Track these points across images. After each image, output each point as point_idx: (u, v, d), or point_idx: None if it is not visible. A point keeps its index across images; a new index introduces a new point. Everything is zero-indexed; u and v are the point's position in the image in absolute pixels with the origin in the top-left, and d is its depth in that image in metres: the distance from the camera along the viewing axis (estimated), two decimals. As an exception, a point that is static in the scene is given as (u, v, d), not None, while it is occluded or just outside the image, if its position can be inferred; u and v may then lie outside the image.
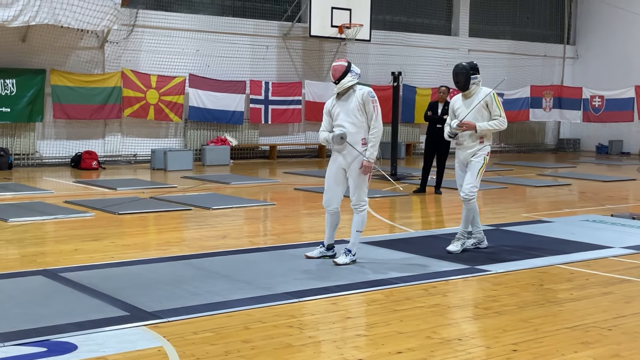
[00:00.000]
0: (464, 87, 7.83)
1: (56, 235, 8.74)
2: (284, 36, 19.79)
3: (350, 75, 7.03)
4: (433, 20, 22.97)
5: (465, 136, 7.79)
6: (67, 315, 5.36)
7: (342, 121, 7.05)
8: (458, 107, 7.93)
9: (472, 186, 7.75)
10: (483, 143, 7.81)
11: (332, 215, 7.26)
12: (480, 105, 7.71)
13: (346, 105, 7.06)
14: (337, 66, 7.07)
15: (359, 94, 7.03)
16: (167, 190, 12.81)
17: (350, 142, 7.00)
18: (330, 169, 7.25)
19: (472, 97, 7.82)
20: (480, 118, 7.73)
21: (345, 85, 7.02)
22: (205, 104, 18.53)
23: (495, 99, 7.77)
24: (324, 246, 7.38)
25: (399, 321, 5.41)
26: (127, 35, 17.45)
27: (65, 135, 17.02)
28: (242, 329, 5.15)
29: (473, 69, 7.80)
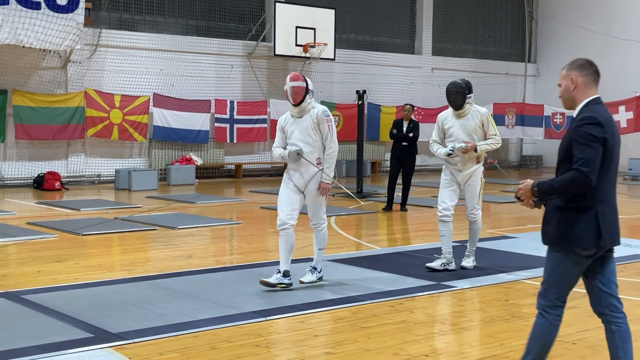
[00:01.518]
0: (459, 107, 7.74)
1: (18, 257, 8.60)
2: (249, 55, 19.82)
3: (309, 96, 6.82)
4: (397, 39, 23.19)
5: (464, 156, 7.79)
6: (30, 338, 5.27)
7: (295, 140, 6.82)
8: (450, 125, 7.80)
9: (477, 209, 7.96)
10: (479, 163, 7.92)
11: (287, 237, 6.85)
12: (476, 125, 7.75)
13: (301, 124, 6.83)
14: (297, 88, 6.76)
15: (313, 112, 6.81)
16: (132, 211, 12.70)
17: (303, 161, 6.82)
18: (284, 189, 6.94)
19: (466, 116, 7.77)
20: (476, 138, 7.78)
21: (305, 110, 6.81)
22: (170, 124, 18.44)
23: (490, 119, 7.85)
24: (280, 272, 6.86)
25: (366, 338, 5.41)
26: (90, 55, 17.34)
27: (28, 156, 16.81)
28: (208, 349, 5.11)
29: (468, 88, 7.75)
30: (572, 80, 4.14)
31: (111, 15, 18.10)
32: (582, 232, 4.02)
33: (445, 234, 7.89)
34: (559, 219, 4.12)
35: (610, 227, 4.06)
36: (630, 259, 8.72)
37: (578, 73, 4.14)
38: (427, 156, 22.26)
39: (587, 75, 4.14)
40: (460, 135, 7.75)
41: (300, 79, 6.82)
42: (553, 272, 4.27)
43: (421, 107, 22.08)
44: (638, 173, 21.49)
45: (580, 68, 4.15)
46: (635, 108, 21.78)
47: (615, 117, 21.97)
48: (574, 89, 4.16)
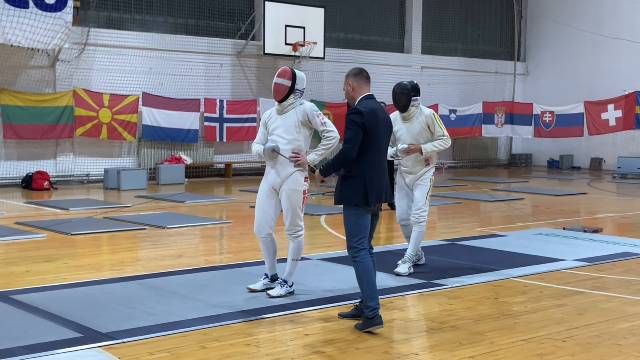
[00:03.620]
0: (403, 109, 7.62)
1: (7, 257, 8.55)
2: (238, 54, 19.78)
3: (294, 95, 6.47)
4: (386, 38, 23.20)
5: (411, 159, 7.71)
6: (18, 338, 5.24)
7: (277, 137, 6.50)
8: (397, 128, 7.68)
9: (422, 210, 7.69)
10: (429, 165, 7.77)
11: (267, 243, 6.66)
12: (421, 127, 7.61)
13: (285, 120, 6.51)
14: (278, 86, 6.45)
15: (300, 109, 6.47)
16: (121, 210, 12.65)
17: (281, 160, 6.49)
18: (261, 190, 6.65)
19: (412, 119, 7.65)
20: (422, 140, 7.64)
21: (287, 109, 6.50)
22: (159, 123, 18.38)
23: (436, 119, 7.67)
24: (267, 277, 6.75)
25: (356, 336, 5.41)
26: (78, 53, 17.26)
27: (16, 156, 16.72)
28: (198, 349, 5.09)
29: (415, 90, 7.58)
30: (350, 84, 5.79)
31: (99, 14, 18.02)
32: (358, 193, 5.55)
33: (409, 235, 7.80)
34: (343, 185, 5.64)
35: (374, 190, 5.59)
36: (619, 257, 8.75)
37: (353, 78, 5.78)
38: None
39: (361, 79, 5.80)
40: (407, 138, 7.65)
41: (285, 76, 6.46)
42: (349, 224, 5.63)
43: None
44: (627, 171, 21.58)
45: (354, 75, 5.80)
46: (623, 106, 21.86)
47: (604, 115, 22.14)
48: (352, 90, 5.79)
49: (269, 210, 6.59)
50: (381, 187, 5.66)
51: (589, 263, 8.32)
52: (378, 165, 5.66)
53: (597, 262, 8.40)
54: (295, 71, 6.54)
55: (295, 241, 6.58)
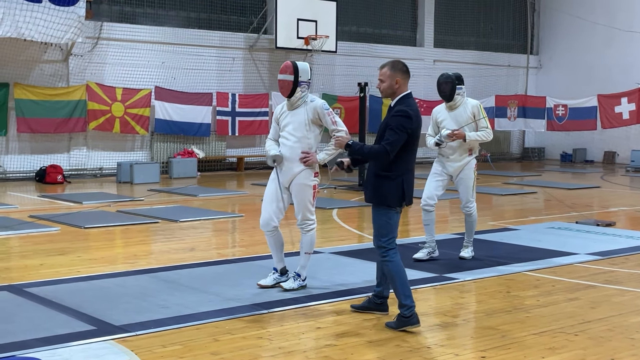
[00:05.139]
0: (449, 98, 7.78)
1: (21, 250, 8.62)
2: (250, 48, 19.79)
3: (300, 89, 6.43)
4: (398, 31, 23.15)
5: (454, 148, 7.81)
6: (32, 330, 5.29)
7: (287, 134, 6.48)
8: (443, 118, 7.87)
9: (471, 203, 7.99)
10: (471, 155, 7.91)
11: (273, 237, 6.61)
12: (467, 116, 7.74)
13: (295, 117, 6.47)
14: (282, 82, 6.41)
15: (310, 107, 6.43)
16: (134, 204, 12.71)
17: (289, 158, 6.46)
18: (269, 187, 6.62)
19: (458, 108, 7.80)
20: (468, 130, 7.75)
21: (297, 103, 6.46)
22: (171, 117, 18.43)
23: (482, 111, 7.80)
24: (277, 271, 6.70)
25: (368, 330, 5.42)
26: (91, 48, 17.32)
27: (30, 150, 16.82)
28: (210, 341, 5.12)
29: (459, 80, 7.78)
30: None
31: (112, 8, 18.07)
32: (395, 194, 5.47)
33: (429, 223, 7.93)
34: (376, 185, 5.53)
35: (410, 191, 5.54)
36: (632, 250, 8.72)
37: (402, 75, 5.58)
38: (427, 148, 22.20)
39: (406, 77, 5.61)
40: (452, 126, 7.76)
41: (287, 71, 6.40)
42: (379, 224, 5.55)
43: (423, 99, 22.03)
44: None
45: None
46: (637, 99, 21.74)
47: (617, 108, 22.02)
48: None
49: (277, 204, 6.55)
50: (413, 187, 5.64)
51: (602, 257, 8.29)
52: (413, 166, 5.64)
53: (610, 255, 8.37)
54: (296, 64, 6.47)
55: (307, 235, 6.57)
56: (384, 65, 5.64)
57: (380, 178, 5.51)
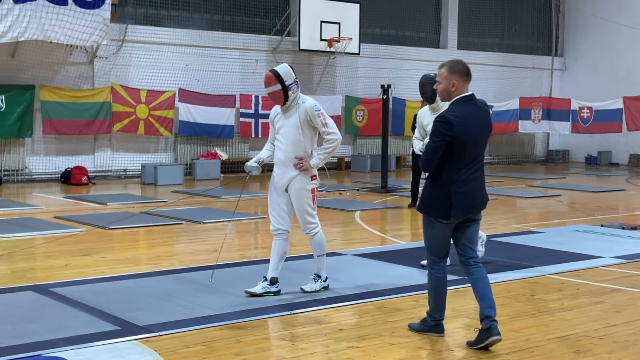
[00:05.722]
0: (430, 99, 7.54)
1: (46, 250, 8.70)
2: (274, 50, 19.84)
3: (292, 91, 6.26)
4: (422, 33, 23.09)
5: None
6: (57, 330, 5.34)
7: (281, 137, 6.38)
8: (428, 122, 7.55)
9: None
10: None
11: (280, 242, 6.43)
12: None
13: (288, 120, 6.34)
14: (273, 94, 6.25)
15: (302, 109, 6.27)
16: (158, 205, 12.78)
17: (284, 162, 6.36)
18: (270, 190, 6.53)
19: (440, 110, 7.33)
20: None
21: (290, 104, 6.31)
22: (195, 118, 18.53)
23: None
24: (266, 280, 6.44)
25: (390, 332, 5.41)
26: (116, 50, 17.46)
27: (55, 151, 16.98)
28: (233, 342, 5.14)
29: None
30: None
31: (137, 10, 18.21)
32: (438, 205, 5.06)
33: None
34: (424, 193, 5.21)
35: (461, 202, 5.02)
36: (658, 254, 8.62)
37: (460, 77, 5.13)
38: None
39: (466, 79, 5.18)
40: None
41: (272, 82, 6.23)
42: (427, 235, 5.25)
43: (446, 101, 21.93)
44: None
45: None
46: (663, 102, 21.51)
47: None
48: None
49: (282, 210, 6.44)
50: (472, 199, 5.08)
51: (627, 260, 8.21)
52: (469, 176, 5.06)
53: (636, 259, 8.28)
54: (276, 70, 6.28)
55: (314, 239, 6.49)
56: (443, 65, 5.26)
57: (428, 186, 5.17)
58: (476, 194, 5.10)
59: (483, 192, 5.19)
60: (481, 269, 5.19)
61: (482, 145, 5.14)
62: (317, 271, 6.57)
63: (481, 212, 5.24)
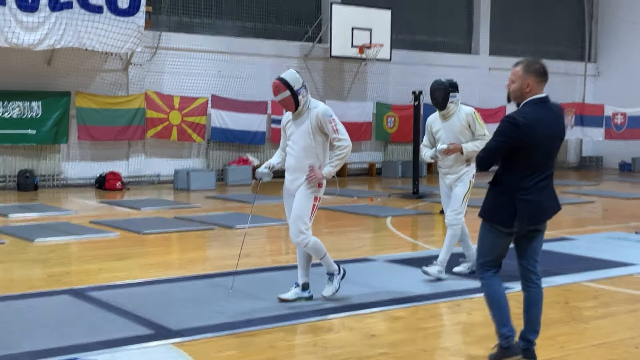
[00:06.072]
0: (441, 106, 7.35)
1: (81, 255, 8.83)
2: (305, 57, 19.91)
3: (301, 96, 6.18)
4: (453, 39, 23.02)
5: (451, 160, 7.34)
6: (93, 333, 5.41)
7: (292, 143, 6.31)
8: (437, 129, 7.41)
9: (457, 213, 7.36)
10: (470, 165, 7.36)
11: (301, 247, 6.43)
12: (462, 125, 7.30)
13: (299, 126, 6.25)
14: (284, 100, 6.17)
15: (313, 114, 6.18)
16: (190, 210, 12.88)
17: (296, 167, 6.29)
18: (284, 199, 6.52)
19: (451, 117, 7.36)
20: (463, 139, 7.27)
21: (302, 109, 6.23)
22: (227, 125, 18.65)
23: (477, 118, 7.35)
24: (298, 286, 6.47)
25: (423, 339, 5.40)
26: (150, 57, 17.64)
27: (90, 157, 17.20)
28: (266, 347, 5.17)
29: (452, 87, 7.35)
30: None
31: (170, 18, 18.39)
32: (500, 212, 4.71)
33: (462, 239, 7.53)
34: (486, 197, 4.83)
35: (526, 211, 4.65)
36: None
37: (535, 78, 4.79)
38: (484, 157, 22.00)
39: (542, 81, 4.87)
40: (447, 138, 7.29)
41: (280, 89, 6.14)
42: (480, 240, 4.88)
43: (477, 107, 21.82)
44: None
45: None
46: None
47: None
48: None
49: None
50: (537, 208, 4.70)
51: (663, 268, 8.10)
52: (536, 184, 4.68)
53: (672, 267, 8.17)
54: (283, 77, 6.19)
55: (307, 247, 6.31)
56: (518, 63, 4.84)
57: (490, 190, 4.81)
58: (543, 202, 4.73)
59: (551, 201, 4.80)
60: (540, 290, 4.87)
61: (552, 152, 4.77)
62: (328, 270, 6.46)
63: (546, 222, 4.86)
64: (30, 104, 16.16)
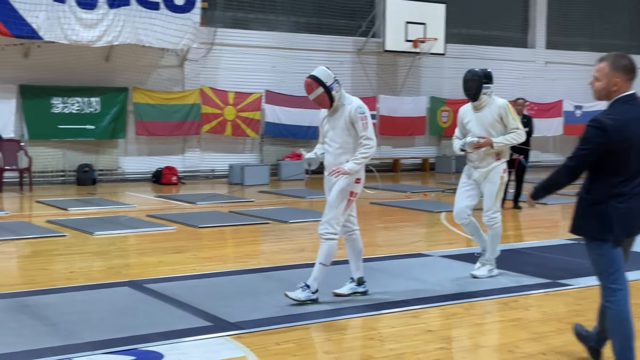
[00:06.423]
0: (474, 97, 7.13)
1: (140, 247, 8.99)
2: (359, 51, 19.89)
3: (335, 91, 6.16)
4: (509, 32, 22.72)
5: (480, 153, 7.08)
6: (152, 325, 5.51)
7: (329, 140, 6.27)
8: (468, 120, 7.16)
9: (493, 212, 7.15)
10: (500, 160, 7.14)
11: (350, 242, 6.45)
12: (493, 118, 7.08)
13: (335, 122, 6.22)
14: (317, 98, 6.16)
15: (347, 110, 6.13)
16: (245, 204, 13.00)
17: (334, 164, 6.21)
18: (326, 194, 6.43)
19: (483, 108, 7.14)
20: (494, 133, 7.03)
21: (336, 105, 6.20)
22: (281, 120, 18.75)
23: (510, 111, 7.07)
24: (353, 280, 6.47)
25: (480, 335, 5.37)
26: (205, 53, 17.83)
27: (147, 151, 17.47)
28: (323, 340, 5.20)
29: (486, 77, 7.10)
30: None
31: (225, 14, 18.55)
32: (593, 224, 4.33)
33: (474, 233, 7.30)
34: (576, 210, 4.46)
35: (622, 220, 4.28)
36: None
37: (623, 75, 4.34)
38: (540, 152, 21.74)
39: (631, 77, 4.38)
40: (477, 131, 7.05)
41: (312, 87, 6.14)
42: (592, 261, 4.47)
43: (534, 101, 21.55)
44: None
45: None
46: None
47: None
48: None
49: None
50: (635, 216, 4.36)
51: None
52: (632, 189, 4.30)
53: None
54: (314, 75, 6.20)
55: (325, 244, 6.20)
56: (603, 59, 4.41)
57: (580, 202, 4.45)
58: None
59: None
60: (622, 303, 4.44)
61: None
62: (310, 281, 6.14)
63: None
64: (89, 100, 16.49)
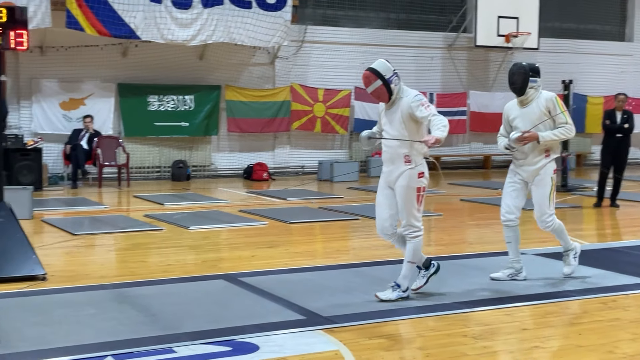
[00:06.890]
0: (520, 91, 6.79)
1: (233, 242, 9.18)
2: (449, 47, 19.69)
3: (394, 84, 6.05)
4: (605, 26, 22.04)
5: (527, 149, 6.74)
6: (248, 317, 5.63)
7: (386, 134, 6.17)
8: (514, 116, 6.84)
9: (548, 215, 6.82)
10: (549, 156, 6.78)
11: (395, 242, 6.34)
12: (540, 112, 6.73)
13: (392, 116, 6.11)
14: (376, 91, 6.06)
15: (404, 102, 6.01)
16: (334, 201, 13.08)
17: (392, 158, 6.13)
18: (379, 188, 6.32)
19: (530, 103, 6.80)
20: (542, 127, 6.68)
21: (395, 98, 6.10)
22: (370, 116, 18.73)
23: (559, 104, 6.72)
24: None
25: (577, 334, 5.26)
26: (296, 50, 18.01)
27: (238, 148, 17.79)
28: (415, 336, 5.20)
29: (533, 71, 6.74)
30: None
31: (316, 11, 18.69)
32: None
33: (511, 241, 6.97)
34: None
35: None
36: None
37: None
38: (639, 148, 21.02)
39: None
40: (523, 127, 6.70)
41: (371, 79, 6.03)
42: None
43: (633, 97, 20.81)
44: None
45: None
46: None
47: None
48: None
49: (389, 210, 6.24)
50: None
51: None
52: None
53: None
54: (372, 68, 6.09)
55: (411, 242, 6.13)
56: None
57: None
58: None
59: None
60: None
61: None
62: (399, 279, 6.14)
63: None
64: (184, 97, 16.92)
